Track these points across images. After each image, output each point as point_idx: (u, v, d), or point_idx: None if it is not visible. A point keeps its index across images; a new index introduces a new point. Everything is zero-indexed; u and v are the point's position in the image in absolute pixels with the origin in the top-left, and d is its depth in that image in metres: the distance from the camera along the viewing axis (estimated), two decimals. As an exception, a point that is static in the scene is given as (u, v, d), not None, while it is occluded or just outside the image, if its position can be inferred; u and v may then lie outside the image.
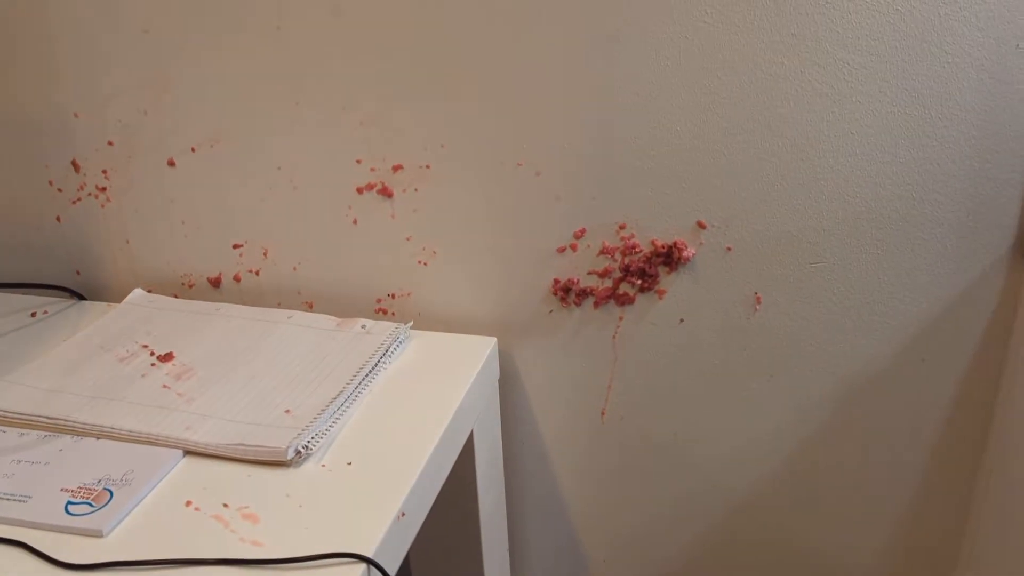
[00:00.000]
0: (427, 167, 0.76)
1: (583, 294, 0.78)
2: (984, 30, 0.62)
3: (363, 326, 0.80)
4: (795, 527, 0.84)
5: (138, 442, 0.65)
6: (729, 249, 0.73)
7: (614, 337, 0.79)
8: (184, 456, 0.65)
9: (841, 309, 0.73)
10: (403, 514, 0.59)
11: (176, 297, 0.88)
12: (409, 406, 0.70)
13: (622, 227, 0.75)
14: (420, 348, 0.79)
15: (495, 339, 0.80)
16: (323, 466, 0.63)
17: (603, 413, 0.83)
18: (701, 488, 0.85)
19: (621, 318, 0.78)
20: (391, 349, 0.77)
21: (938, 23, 0.62)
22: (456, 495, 0.79)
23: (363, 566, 0.54)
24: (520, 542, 0.94)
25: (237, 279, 0.87)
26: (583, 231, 0.76)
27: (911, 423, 0.77)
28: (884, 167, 0.67)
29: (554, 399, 0.84)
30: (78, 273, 0.91)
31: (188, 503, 0.60)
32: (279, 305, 0.87)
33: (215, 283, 0.88)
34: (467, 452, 0.76)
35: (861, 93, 0.65)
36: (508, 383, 0.84)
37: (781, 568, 0.87)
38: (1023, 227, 0.67)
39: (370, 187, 0.79)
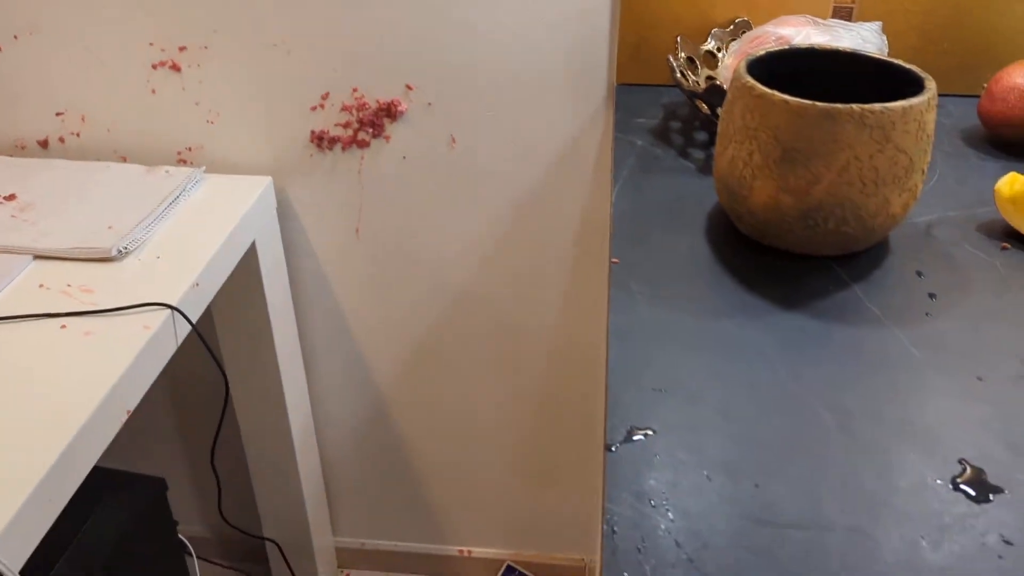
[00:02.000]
0: (205, 48, 1.02)
1: (333, 141, 1.07)
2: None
3: (166, 171, 1.06)
4: (505, 307, 1.19)
5: (-2, 251, 0.91)
6: (430, 104, 1.04)
7: (359, 172, 1.09)
8: (34, 260, 0.91)
9: (510, 146, 1.06)
10: (197, 284, 0.89)
11: (12, 156, 1.11)
12: (202, 221, 0.98)
13: (355, 90, 1.04)
14: (211, 186, 1.06)
15: (270, 178, 1.08)
16: (139, 260, 0.91)
17: (357, 231, 1.14)
18: (436, 283, 1.18)
19: (362, 158, 1.08)
20: (188, 186, 1.04)
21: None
22: (248, 291, 1.09)
23: (168, 312, 0.83)
24: (311, 349, 1.25)
25: (62, 140, 1.10)
26: (327, 94, 1.04)
27: (564, 226, 1.12)
28: (519, 47, 0.99)
29: (321, 223, 1.14)
30: (-78, 141, 1.11)
31: (41, 285, 0.86)
32: (99, 159, 1.11)
33: (43, 144, 1.11)
34: (252, 256, 1.05)
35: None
36: (286, 213, 1.13)
37: (496, 340, 1.23)
38: (611, 82, 1.01)
39: (162, 64, 1.04)
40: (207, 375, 1.31)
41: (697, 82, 0.89)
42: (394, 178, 1.10)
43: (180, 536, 1.15)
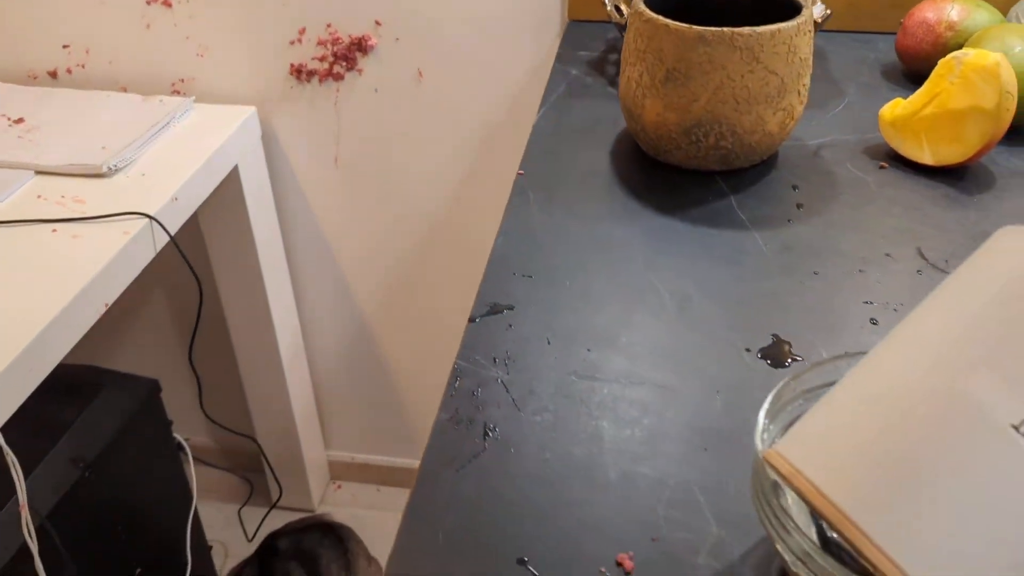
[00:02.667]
0: (193, -15, 1.11)
1: (311, 74, 1.16)
2: None
3: (160, 100, 1.15)
4: (467, 229, 1.27)
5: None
6: (398, 39, 1.11)
7: (335, 104, 1.18)
8: (35, 175, 1.01)
9: (473, 79, 1.13)
10: (176, 198, 0.98)
11: (24, 85, 1.21)
12: (188, 144, 1.08)
13: (329, 25, 1.12)
14: (200, 114, 1.15)
15: (253, 108, 1.17)
16: (127, 176, 1.01)
17: (336, 160, 1.23)
18: (408, 209, 1.26)
19: (338, 90, 1.17)
20: (178, 114, 1.13)
21: None
22: (234, 214, 1.18)
23: (147, 220, 0.93)
24: (300, 276, 1.35)
25: (69, 72, 1.20)
26: (304, 29, 1.12)
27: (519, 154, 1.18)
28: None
29: (302, 153, 1.23)
30: (-54, 71, 1.22)
31: (39, 196, 0.97)
32: (102, 89, 1.21)
33: (53, 75, 1.21)
34: (235, 180, 1.15)
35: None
36: (271, 143, 1.22)
37: (461, 260, 1.31)
38: (564, 18, 1.07)
39: (155, 1, 1.13)
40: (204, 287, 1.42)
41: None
42: (367, 110, 1.17)
43: (175, 435, 1.26)
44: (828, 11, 0.84)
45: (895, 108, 0.75)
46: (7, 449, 0.74)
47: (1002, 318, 0.34)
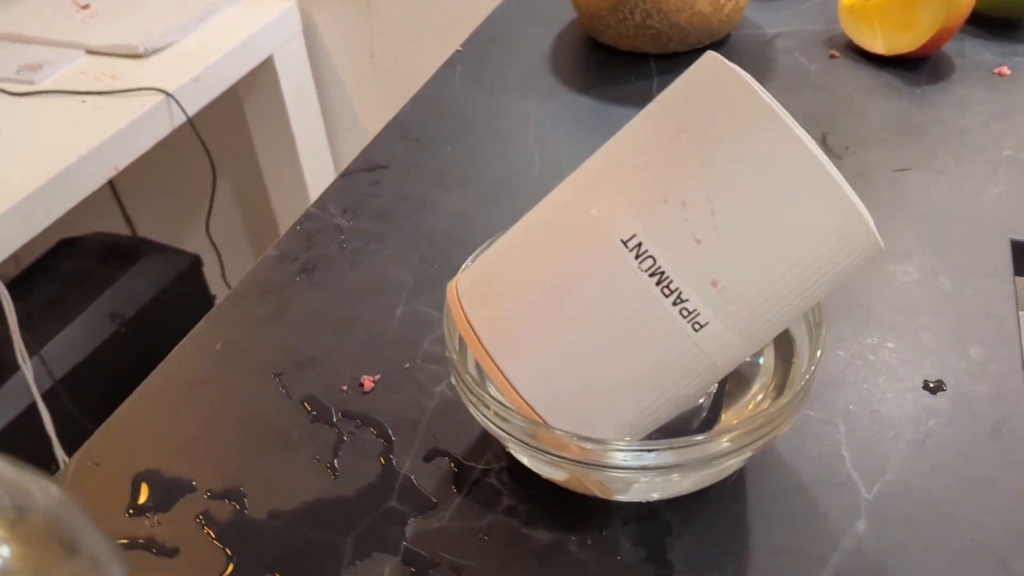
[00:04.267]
0: None
1: (346, -32, 1.19)
2: None
3: (211, -9, 1.23)
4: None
5: (53, 44, 1.12)
6: (424, -67, 1.13)
7: (367, 2, 1.21)
8: (85, 53, 1.11)
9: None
10: (198, 79, 1.05)
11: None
12: (226, 33, 1.15)
13: (361, -81, 1.14)
14: (243, 6, 1.22)
15: (293, 0, 1.23)
16: (161, 57, 1.09)
17: (371, 55, 1.27)
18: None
19: (371, -15, 1.20)
20: (222, 5, 1.20)
21: None
22: (272, 106, 1.25)
23: (164, 96, 1.01)
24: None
25: (139, -36, 1.30)
26: (338, -78, 1.16)
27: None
28: None
29: (340, 47, 1.27)
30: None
31: (83, 72, 1.07)
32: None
33: (125, -33, 1.31)
34: (270, 69, 1.21)
35: None
36: (312, 40, 1.27)
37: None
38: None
39: None
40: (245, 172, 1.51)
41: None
42: (397, 3, 1.20)
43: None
44: None
45: (855, -7, 0.69)
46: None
47: (638, 140, 0.33)
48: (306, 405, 0.43)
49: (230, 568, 0.36)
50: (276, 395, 0.44)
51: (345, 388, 0.44)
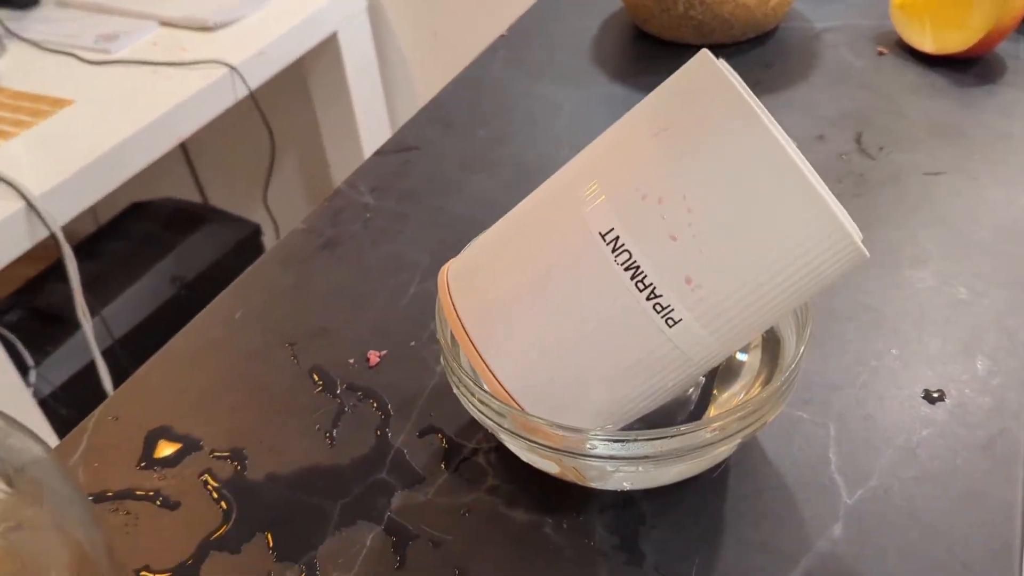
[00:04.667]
0: None
1: (412, -52, 1.21)
2: None
3: (281, -33, 1.26)
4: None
5: (129, 15, 1.17)
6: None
7: (433, -21, 1.22)
8: (159, 25, 1.15)
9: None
10: (262, 53, 1.09)
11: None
12: (294, 9, 1.18)
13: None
14: (313, -18, 1.25)
15: (361, -22, 1.25)
16: (229, 31, 1.13)
17: (435, 33, 1.28)
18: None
19: (436, -34, 1.21)
20: (292, -20, 1.23)
21: None
22: (335, 78, 1.28)
23: (227, 69, 1.04)
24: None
25: (216, -61, 1.34)
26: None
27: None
28: None
29: (404, 24, 1.29)
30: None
31: (155, 44, 1.11)
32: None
33: (203, -58, 1.35)
34: (334, 46, 1.24)
35: None
36: (379, 18, 1.30)
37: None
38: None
39: None
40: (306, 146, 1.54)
41: None
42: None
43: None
44: None
45: (907, -11, 0.67)
46: (65, 245, 0.89)
47: (624, 134, 0.34)
48: (314, 376, 0.45)
49: (224, 528, 0.38)
50: (287, 364, 0.46)
51: (352, 361, 0.46)
